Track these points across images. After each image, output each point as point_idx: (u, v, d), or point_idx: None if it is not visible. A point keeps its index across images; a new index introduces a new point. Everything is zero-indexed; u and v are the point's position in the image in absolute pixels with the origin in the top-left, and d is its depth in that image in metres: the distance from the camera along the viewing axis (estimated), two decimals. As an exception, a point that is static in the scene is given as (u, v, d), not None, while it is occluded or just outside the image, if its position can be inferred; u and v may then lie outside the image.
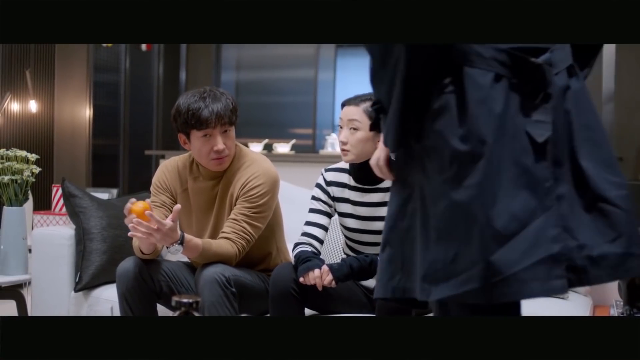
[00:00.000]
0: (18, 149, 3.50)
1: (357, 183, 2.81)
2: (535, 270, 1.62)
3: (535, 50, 1.70)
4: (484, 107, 1.65)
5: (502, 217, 1.61)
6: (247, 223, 2.78)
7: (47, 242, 3.30)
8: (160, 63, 8.33)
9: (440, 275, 1.66)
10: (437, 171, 1.69)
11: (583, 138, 1.73)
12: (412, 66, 1.68)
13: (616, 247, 1.69)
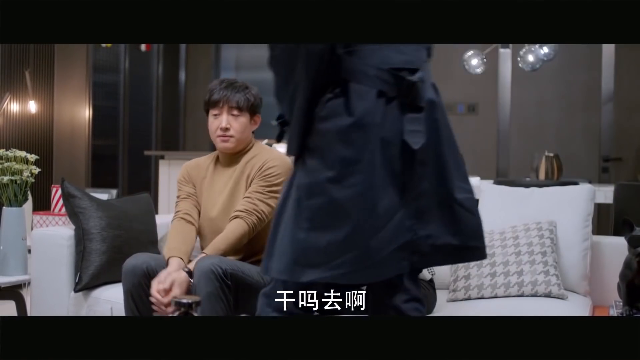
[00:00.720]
0: (17, 150, 3.50)
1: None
2: (393, 254, 1.93)
3: (411, 69, 2.00)
4: (367, 117, 1.92)
5: (375, 214, 1.91)
6: (260, 201, 2.94)
7: (46, 243, 3.30)
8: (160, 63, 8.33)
9: (311, 260, 1.93)
10: (318, 169, 1.95)
11: (446, 147, 2.04)
12: (311, 85, 1.96)
13: (456, 239, 2.02)
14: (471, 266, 3.13)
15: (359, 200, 1.91)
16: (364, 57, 1.97)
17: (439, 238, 2.00)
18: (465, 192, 2.07)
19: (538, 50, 5.57)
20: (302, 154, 1.99)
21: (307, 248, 1.94)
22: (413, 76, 1.98)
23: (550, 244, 3.16)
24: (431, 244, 1.99)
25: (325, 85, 1.97)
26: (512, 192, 3.51)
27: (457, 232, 2.02)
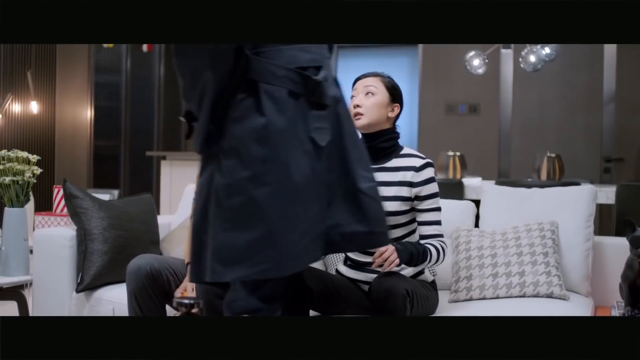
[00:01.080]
0: (19, 150, 3.50)
1: None
2: (309, 246, 2.04)
3: (315, 67, 2.09)
4: (278, 117, 2.00)
5: (292, 209, 2.00)
6: None
7: (48, 243, 3.30)
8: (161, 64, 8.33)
9: (235, 259, 1.99)
10: (234, 170, 2.01)
11: (349, 139, 2.14)
12: (219, 86, 2.02)
13: (363, 226, 2.13)
14: (473, 267, 3.13)
15: (276, 198, 1.99)
16: (272, 57, 2.04)
17: (347, 226, 2.11)
18: (368, 180, 2.18)
19: (540, 51, 5.56)
20: (218, 155, 2.05)
21: (229, 247, 2.00)
22: (318, 75, 2.08)
23: (552, 244, 3.16)
24: (340, 232, 2.11)
25: (236, 87, 2.03)
26: (514, 193, 3.50)
27: (363, 219, 2.13)
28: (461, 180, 5.17)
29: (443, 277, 3.24)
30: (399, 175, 2.78)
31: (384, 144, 2.81)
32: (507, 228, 3.28)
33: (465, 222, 3.42)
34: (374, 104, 2.78)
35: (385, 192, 2.78)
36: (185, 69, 2.10)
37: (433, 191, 2.79)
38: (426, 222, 2.79)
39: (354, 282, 2.88)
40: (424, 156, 2.82)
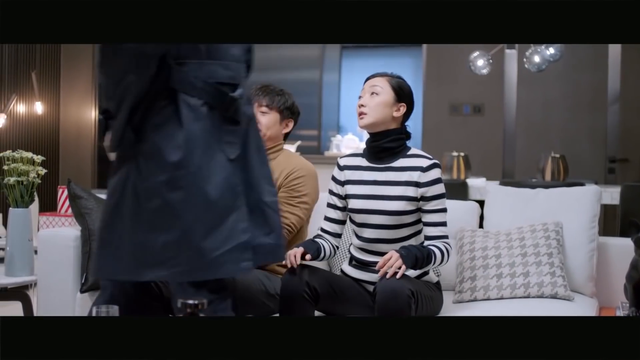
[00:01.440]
0: (24, 151, 3.50)
1: (371, 162, 2.85)
2: (230, 254, 2.11)
3: (232, 84, 2.21)
4: (194, 126, 2.12)
5: (208, 215, 2.09)
6: (290, 213, 2.98)
7: (53, 244, 3.31)
8: (166, 64, 8.33)
9: (150, 260, 2.09)
10: (152, 173, 2.11)
11: (256, 156, 2.25)
12: (140, 90, 2.11)
13: (270, 239, 2.23)
14: (477, 267, 3.13)
15: (190, 203, 2.10)
16: (192, 70, 2.15)
17: (256, 239, 2.19)
18: (272, 195, 2.29)
19: (544, 51, 5.56)
20: (137, 157, 2.15)
21: (146, 248, 2.10)
22: (235, 93, 2.20)
23: (557, 245, 3.15)
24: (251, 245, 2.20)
25: (157, 94, 2.14)
26: (518, 193, 3.50)
27: (270, 232, 2.24)
28: (465, 180, 5.16)
29: (447, 277, 3.24)
30: (405, 175, 2.79)
31: (390, 144, 2.82)
32: (512, 228, 3.28)
33: (469, 222, 3.42)
34: (377, 103, 2.79)
35: (391, 191, 2.79)
36: (110, 68, 2.16)
37: (439, 192, 2.79)
38: (431, 223, 2.79)
39: (358, 282, 2.89)
40: (431, 157, 2.83)
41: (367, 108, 2.80)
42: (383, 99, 2.80)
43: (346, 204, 2.91)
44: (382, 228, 2.81)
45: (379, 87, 2.81)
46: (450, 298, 3.12)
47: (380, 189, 2.81)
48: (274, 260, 2.45)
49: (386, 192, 2.80)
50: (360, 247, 2.89)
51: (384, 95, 2.80)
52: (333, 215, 2.94)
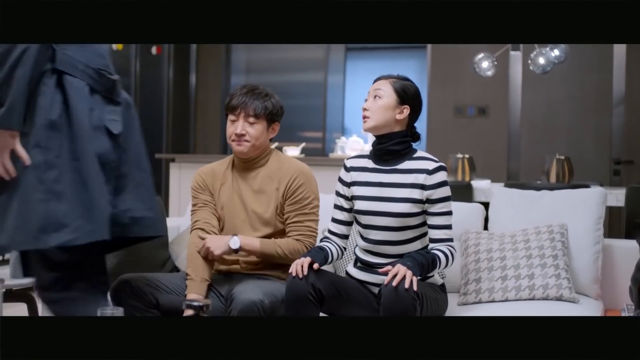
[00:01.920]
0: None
1: (377, 164, 2.85)
2: (97, 223, 2.34)
3: (108, 73, 2.49)
4: (79, 106, 2.36)
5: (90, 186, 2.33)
6: (309, 221, 2.99)
7: (57, 245, 3.30)
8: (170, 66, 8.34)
9: (54, 226, 2.27)
10: (48, 148, 2.31)
11: (139, 138, 2.60)
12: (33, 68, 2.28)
13: (151, 213, 2.56)
14: (482, 269, 3.13)
15: (77, 175, 2.33)
16: (74, 54, 2.39)
17: (138, 212, 2.50)
18: (151, 175, 2.62)
19: (549, 53, 5.55)
20: (29, 133, 2.32)
21: (49, 216, 2.28)
22: (113, 75, 2.51)
23: (562, 247, 3.15)
24: (131, 216, 2.48)
25: (43, 74, 2.35)
26: (523, 195, 3.50)
27: (151, 208, 2.56)
28: (470, 182, 5.16)
29: (452, 279, 3.23)
30: (411, 177, 2.79)
31: (394, 146, 2.82)
32: (517, 231, 3.27)
33: (474, 224, 3.42)
34: (379, 106, 2.81)
35: (397, 193, 2.79)
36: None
37: (445, 195, 2.79)
38: (436, 226, 2.79)
39: (363, 284, 2.88)
40: (437, 159, 2.83)
41: (369, 112, 2.82)
42: (385, 102, 2.81)
43: (352, 205, 2.91)
44: (388, 230, 2.81)
45: (381, 90, 2.82)
46: (455, 300, 3.11)
47: (386, 191, 2.81)
48: (151, 233, 2.60)
49: (392, 194, 2.80)
50: (366, 249, 2.89)
51: (386, 98, 2.81)
52: (340, 216, 2.95)
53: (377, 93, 2.83)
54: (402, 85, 2.84)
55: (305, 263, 2.67)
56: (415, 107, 2.86)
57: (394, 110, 2.81)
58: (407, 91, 2.83)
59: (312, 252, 2.81)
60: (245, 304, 2.66)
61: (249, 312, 2.65)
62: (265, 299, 2.69)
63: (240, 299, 2.68)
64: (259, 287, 2.75)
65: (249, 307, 2.65)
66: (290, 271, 2.67)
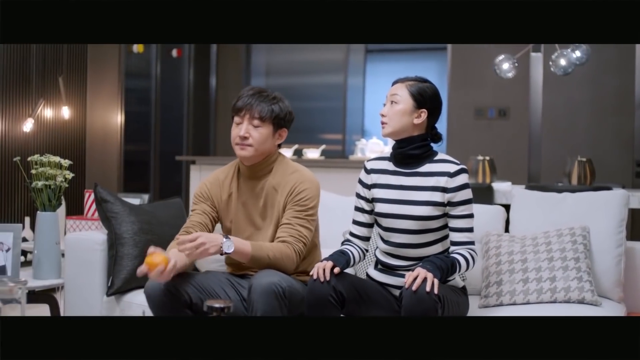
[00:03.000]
0: (51, 155, 3.54)
1: (398, 167, 2.84)
2: None
3: None
4: None
5: None
6: (301, 226, 2.88)
7: (79, 247, 3.33)
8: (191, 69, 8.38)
9: None
10: None
11: None
12: None
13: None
14: (503, 272, 3.11)
15: None
16: None
17: None
18: None
19: (570, 54, 5.52)
20: None
21: None
22: None
23: (584, 249, 3.13)
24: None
25: None
26: (545, 197, 3.48)
27: None
28: (491, 184, 5.14)
29: (473, 282, 3.22)
30: (432, 180, 2.78)
31: (414, 150, 2.81)
32: (538, 233, 3.25)
33: (495, 227, 3.40)
34: (395, 112, 2.81)
35: (418, 196, 2.78)
36: None
37: (466, 198, 2.78)
38: (457, 229, 2.78)
39: (384, 286, 2.88)
40: (459, 162, 2.82)
41: (387, 118, 2.82)
42: (401, 107, 2.80)
43: (373, 207, 2.90)
44: (409, 233, 2.80)
45: (398, 95, 2.82)
46: (476, 303, 3.10)
47: (406, 194, 2.81)
48: None
49: (413, 197, 2.80)
50: (386, 252, 2.89)
51: (403, 103, 2.80)
52: (361, 218, 2.94)
53: (394, 98, 2.82)
54: (419, 88, 2.82)
55: (327, 267, 2.66)
56: (434, 109, 2.84)
57: (411, 115, 2.80)
58: (423, 94, 2.82)
59: (334, 255, 2.81)
60: (263, 286, 2.64)
61: (269, 292, 2.63)
62: (283, 282, 2.67)
63: (258, 282, 2.66)
64: (276, 273, 2.73)
65: (268, 287, 2.63)
66: (312, 273, 2.67)
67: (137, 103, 7.79)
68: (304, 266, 3.00)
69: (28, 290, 3.40)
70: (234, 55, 8.50)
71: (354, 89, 8.12)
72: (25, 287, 1.93)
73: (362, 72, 8.21)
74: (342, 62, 8.05)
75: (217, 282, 2.92)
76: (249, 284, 2.74)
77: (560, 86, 6.87)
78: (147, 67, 7.97)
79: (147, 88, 7.95)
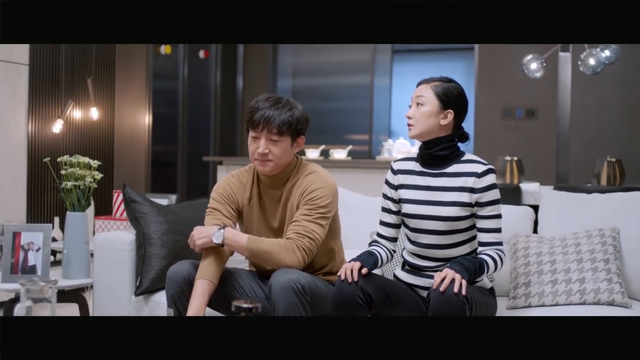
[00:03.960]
0: (81, 156, 3.57)
1: (424, 167, 2.83)
2: None
3: None
4: None
5: None
6: (309, 222, 2.81)
7: (108, 247, 3.36)
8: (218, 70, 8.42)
9: None
10: None
11: None
12: None
13: None
14: (531, 273, 3.09)
15: None
16: None
17: None
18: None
19: (599, 54, 5.47)
20: None
21: None
22: None
23: (613, 251, 3.10)
24: None
25: None
26: (573, 198, 3.45)
27: None
28: (519, 185, 5.10)
29: (501, 283, 3.20)
30: (459, 180, 2.77)
31: (441, 152, 2.80)
32: (567, 234, 3.23)
33: (523, 228, 3.38)
34: (421, 114, 2.79)
35: (445, 197, 2.77)
36: None
37: (494, 198, 2.77)
38: (485, 230, 2.77)
39: (411, 287, 2.87)
40: (486, 162, 2.80)
41: (413, 120, 2.81)
42: (427, 109, 2.78)
43: (400, 208, 2.90)
44: (436, 234, 2.79)
45: (423, 97, 2.80)
46: (504, 304, 3.08)
47: (434, 195, 2.80)
48: None
49: (440, 197, 2.79)
50: (414, 252, 2.88)
51: (429, 105, 2.78)
52: (388, 219, 2.94)
53: (419, 100, 2.80)
54: (444, 89, 2.80)
55: (355, 267, 2.66)
56: (460, 109, 2.83)
57: (438, 117, 2.79)
58: (449, 95, 2.79)
59: (362, 256, 2.80)
60: (282, 283, 2.63)
61: (288, 289, 2.62)
62: (302, 278, 2.66)
63: (277, 281, 2.66)
64: (294, 271, 2.71)
65: (286, 284, 2.62)
66: (339, 274, 2.67)
67: (164, 104, 7.84)
68: (329, 267, 2.99)
69: (58, 290, 3.43)
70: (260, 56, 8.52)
71: (381, 90, 8.11)
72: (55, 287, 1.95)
73: (388, 72, 8.19)
74: (368, 62, 8.05)
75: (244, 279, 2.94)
76: (268, 283, 2.74)
77: (589, 86, 6.81)
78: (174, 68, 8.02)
79: (174, 89, 8.00)
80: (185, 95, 8.02)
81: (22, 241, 3.40)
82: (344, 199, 3.38)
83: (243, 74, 8.59)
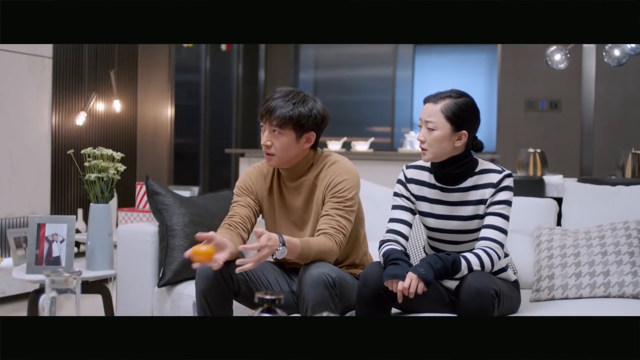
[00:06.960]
0: (104, 148, 3.59)
1: (439, 182, 2.78)
2: None
3: None
4: None
5: None
6: (341, 217, 2.81)
7: (131, 239, 3.38)
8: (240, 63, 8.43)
9: None
10: None
11: None
12: None
13: None
14: (555, 266, 3.07)
15: None
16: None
17: None
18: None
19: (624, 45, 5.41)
20: None
21: None
22: None
23: (638, 244, 3.07)
24: None
25: None
26: (598, 191, 3.42)
27: None
28: (542, 177, 5.07)
29: (524, 276, 3.19)
30: (477, 194, 2.72)
31: (457, 170, 2.74)
32: (591, 227, 3.20)
33: (546, 220, 3.36)
34: (434, 139, 2.69)
35: (464, 211, 2.73)
36: None
37: (504, 198, 2.71)
38: (487, 225, 2.71)
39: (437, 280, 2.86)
40: (501, 169, 2.74)
41: (426, 144, 2.72)
42: (440, 134, 2.69)
43: (415, 210, 2.85)
44: (454, 243, 2.79)
45: (432, 122, 2.69)
46: (528, 296, 3.07)
47: (452, 209, 2.75)
48: None
49: (459, 212, 2.74)
50: (435, 247, 2.87)
51: (440, 130, 2.68)
52: (404, 217, 2.83)
53: (430, 125, 2.70)
54: (454, 110, 2.69)
55: (419, 288, 2.55)
56: (473, 126, 2.74)
57: (451, 139, 2.69)
58: (460, 115, 2.69)
59: (402, 263, 2.65)
60: (314, 276, 2.63)
61: (319, 282, 2.61)
62: (332, 272, 2.66)
63: (308, 274, 2.65)
64: (324, 264, 2.71)
65: (318, 278, 2.62)
66: (399, 298, 2.61)
67: (186, 97, 7.86)
68: (351, 258, 2.99)
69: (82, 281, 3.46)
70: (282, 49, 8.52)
71: (403, 82, 8.08)
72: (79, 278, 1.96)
73: (410, 64, 8.16)
74: (390, 54, 8.02)
75: (270, 273, 2.94)
76: (298, 276, 2.74)
77: (614, 77, 6.75)
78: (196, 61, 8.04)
79: (196, 82, 8.03)
80: (208, 87, 8.04)
81: (46, 232, 3.43)
82: (366, 191, 3.37)
83: (265, 66, 8.59)
